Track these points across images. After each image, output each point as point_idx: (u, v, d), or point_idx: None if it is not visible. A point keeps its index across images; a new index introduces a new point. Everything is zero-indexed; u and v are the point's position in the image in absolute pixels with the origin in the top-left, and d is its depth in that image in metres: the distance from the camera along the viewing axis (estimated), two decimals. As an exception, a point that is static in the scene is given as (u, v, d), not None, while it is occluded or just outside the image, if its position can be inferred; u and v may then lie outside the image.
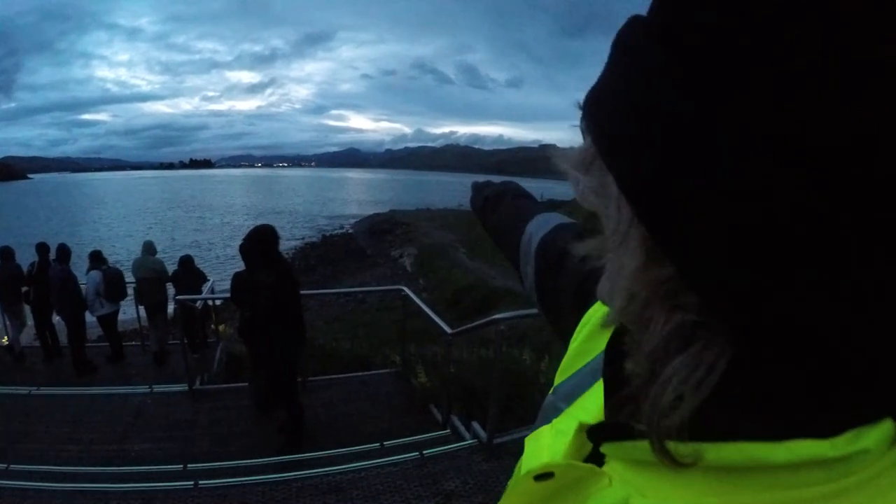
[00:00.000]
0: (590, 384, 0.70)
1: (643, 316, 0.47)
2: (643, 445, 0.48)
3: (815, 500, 0.43)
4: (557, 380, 0.81)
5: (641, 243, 0.45)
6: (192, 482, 5.08)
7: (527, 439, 0.73)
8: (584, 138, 0.51)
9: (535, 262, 1.13)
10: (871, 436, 0.42)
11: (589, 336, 0.78)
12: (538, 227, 1.17)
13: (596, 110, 0.47)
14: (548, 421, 0.71)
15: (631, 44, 0.45)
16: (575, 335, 0.82)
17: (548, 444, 0.67)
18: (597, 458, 0.58)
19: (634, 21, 0.46)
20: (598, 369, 0.68)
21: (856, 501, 0.43)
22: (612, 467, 0.56)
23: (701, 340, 0.44)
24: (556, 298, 1.04)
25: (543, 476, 0.60)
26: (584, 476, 0.57)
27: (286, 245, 43.46)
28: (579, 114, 0.50)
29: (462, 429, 6.61)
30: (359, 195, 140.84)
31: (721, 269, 0.39)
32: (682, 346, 0.45)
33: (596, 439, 0.58)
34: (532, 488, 0.61)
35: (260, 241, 5.95)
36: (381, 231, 47.12)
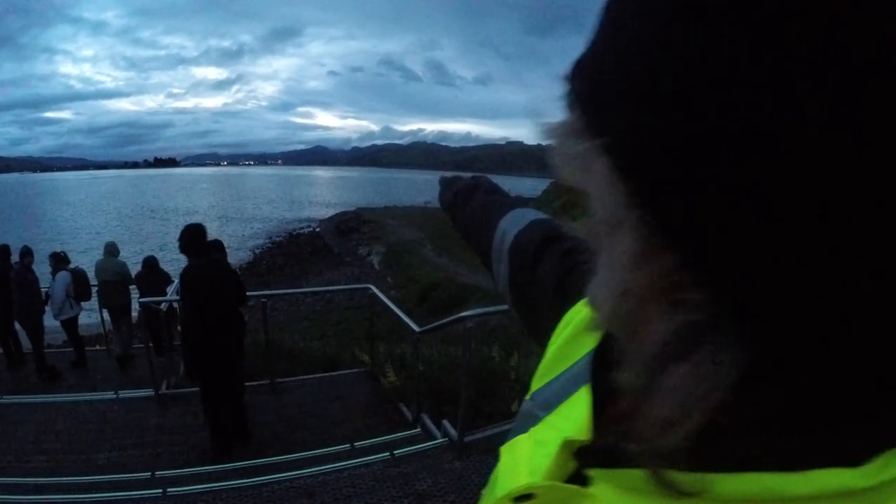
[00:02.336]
0: (571, 392, 0.64)
1: (639, 317, 0.41)
2: (638, 474, 0.43)
3: None
4: (535, 385, 0.75)
5: (637, 228, 0.39)
6: (159, 490, 5.02)
7: (502, 449, 0.68)
8: (568, 112, 0.45)
9: (509, 260, 1.06)
10: None
11: (570, 339, 0.72)
12: (512, 223, 1.11)
13: (587, 74, 0.42)
14: (525, 430, 0.67)
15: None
16: (554, 337, 0.77)
17: (525, 455, 0.62)
18: (583, 476, 0.52)
19: None
20: (579, 375, 0.63)
21: None
22: (600, 489, 0.50)
23: (707, 345, 0.38)
24: (531, 298, 0.99)
25: (523, 497, 0.55)
26: (568, 498, 0.53)
27: (252, 244, 43.15)
28: (563, 88, 0.45)
29: (432, 427, 6.62)
30: (326, 193, 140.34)
31: (739, 258, 0.34)
32: (684, 352, 0.39)
33: (584, 462, 0.52)
34: None
35: (184, 238, 6.15)
36: (348, 229, 47.11)
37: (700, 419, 0.39)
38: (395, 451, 5.81)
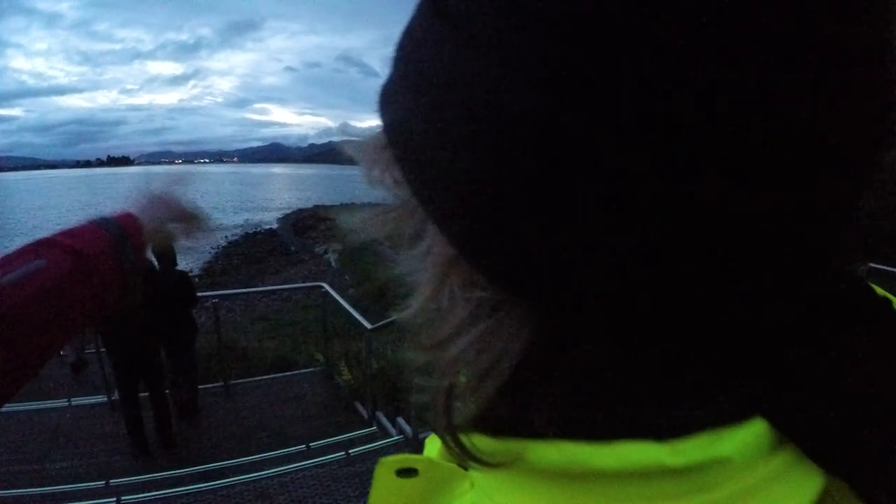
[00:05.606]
0: None
1: (451, 301, 0.42)
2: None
3: None
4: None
5: (431, 224, 0.41)
6: (114, 498, 4.96)
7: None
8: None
9: None
10: (732, 440, 0.34)
11: None
12: None
13: (388, 102, 0.43)
14: None
15: (413, 23, 0.41)
16: None
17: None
18: None
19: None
20: None
21: None
22: (473, 468, 0.48)
23: (492, 320, 0.40)
24: None
25: (407, 472, 0.56)
26: (449, 477, 0.54)
27: (207, 244, 42.24)
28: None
29: (388, 425, 6.66)
30: (283, 190, 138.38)
31: (480, 229, 0.35)
32: (469, 326, 0.41)
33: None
34: (398, 485, 0.57)
35: None
36: (305, 227, 46.53)
37: (488, 391, 0.41)
38: (350, 451, 5.82)
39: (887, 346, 0.37)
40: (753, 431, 0.35)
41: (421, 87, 0.37)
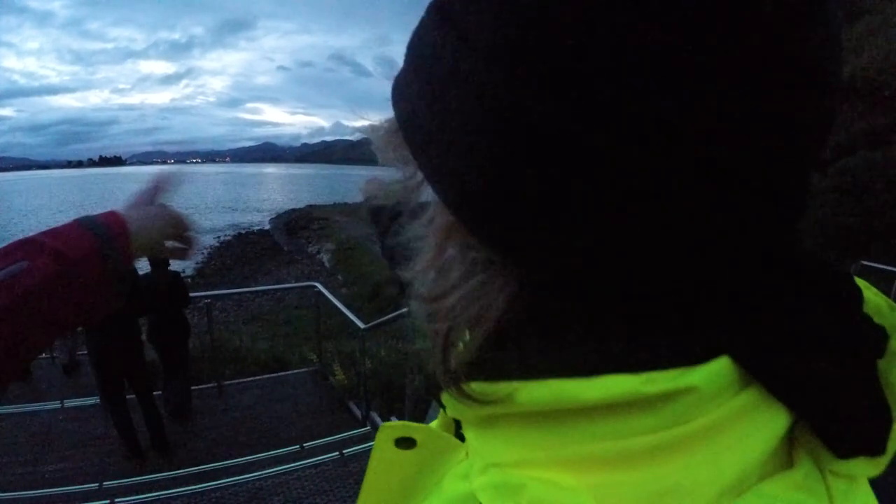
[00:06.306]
0: None
1: (447, 264, 0.48)
2: (445, 398, 0.49)
3: (645, 454, 0.39)
4: None
5: (434, 197, 0.47)
6: (107, 500, 4.97)
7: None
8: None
9: None
10: (699, 372, 0.38)
11: None
12: None
13: (399, 93, 0.48)
14: None
15: (422, 24, 0.46)
16: None
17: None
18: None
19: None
20: None
21: (692, 459, 0.39)
22: (468, 436, 0.52)
23: (483, 274, 0.45)
24: None
25: (406, 442, 0.58)
26: (446, 448, 0.57)
27: (200, 244, 42.00)
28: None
29: (381, 424, 6.59)
30: (275, 190, 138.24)
31: (474, 200, 0.41)
32: (462, 282, 0.46)
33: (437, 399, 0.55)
34: (396, 457, 0.59)
35: None
36: (297, 227, 46.63)
37: (479, 337, 0.46)
38: (344, 451, 5.83)
39: (836, 303, 0.43)
40: (718, 364, 0.39)
41: (427, 81, 0.43)
